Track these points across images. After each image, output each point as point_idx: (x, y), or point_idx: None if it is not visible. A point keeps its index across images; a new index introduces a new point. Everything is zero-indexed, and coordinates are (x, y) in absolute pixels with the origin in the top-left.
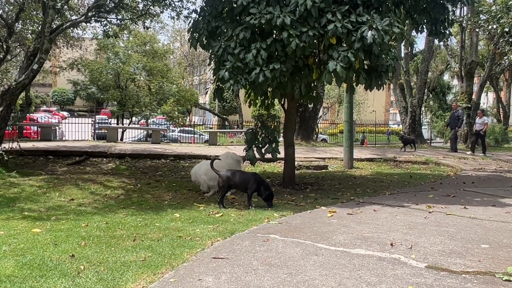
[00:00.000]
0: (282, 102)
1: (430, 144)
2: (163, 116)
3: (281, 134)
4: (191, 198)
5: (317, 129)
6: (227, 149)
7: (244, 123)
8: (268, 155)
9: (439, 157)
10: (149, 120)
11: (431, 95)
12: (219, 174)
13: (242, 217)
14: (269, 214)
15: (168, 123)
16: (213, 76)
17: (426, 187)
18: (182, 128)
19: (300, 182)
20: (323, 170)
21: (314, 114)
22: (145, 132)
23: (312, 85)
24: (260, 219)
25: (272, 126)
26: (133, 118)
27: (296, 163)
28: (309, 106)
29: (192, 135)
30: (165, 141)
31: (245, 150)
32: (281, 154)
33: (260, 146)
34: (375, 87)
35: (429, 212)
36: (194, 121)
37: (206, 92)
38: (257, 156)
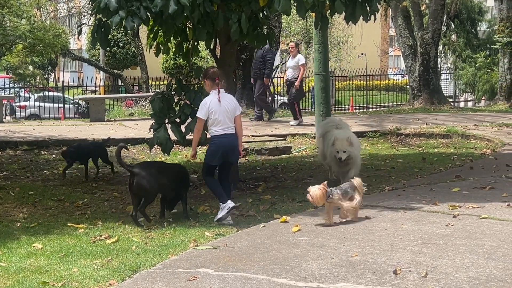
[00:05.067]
0: (212, 47)
1: (454, 104)
2: (7, 74)
3: None
4: (63, 213)
5: (272, 88)
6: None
7: (150, 83)
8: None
9: (468, 125)
10: None
11: (453, 26)
12: (133, 172)
13: (151, 241)
14: (197, 233)
15: (17, 85)
16: (91, 4)
17: (449, 176)
18: (42, 94)
19: (247, 176)
20: (284, 156)
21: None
22: None
23: (260, 16)
24: (182, 242)
25: (197, 87)
26: None
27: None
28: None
29: (62, 106)
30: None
31: (151, 129)
32: None
33: (178, 120)
34: (360, 18)
35: (454, 216)
36: (63, 81)
37: (80, 31)
38: (174, 137)
